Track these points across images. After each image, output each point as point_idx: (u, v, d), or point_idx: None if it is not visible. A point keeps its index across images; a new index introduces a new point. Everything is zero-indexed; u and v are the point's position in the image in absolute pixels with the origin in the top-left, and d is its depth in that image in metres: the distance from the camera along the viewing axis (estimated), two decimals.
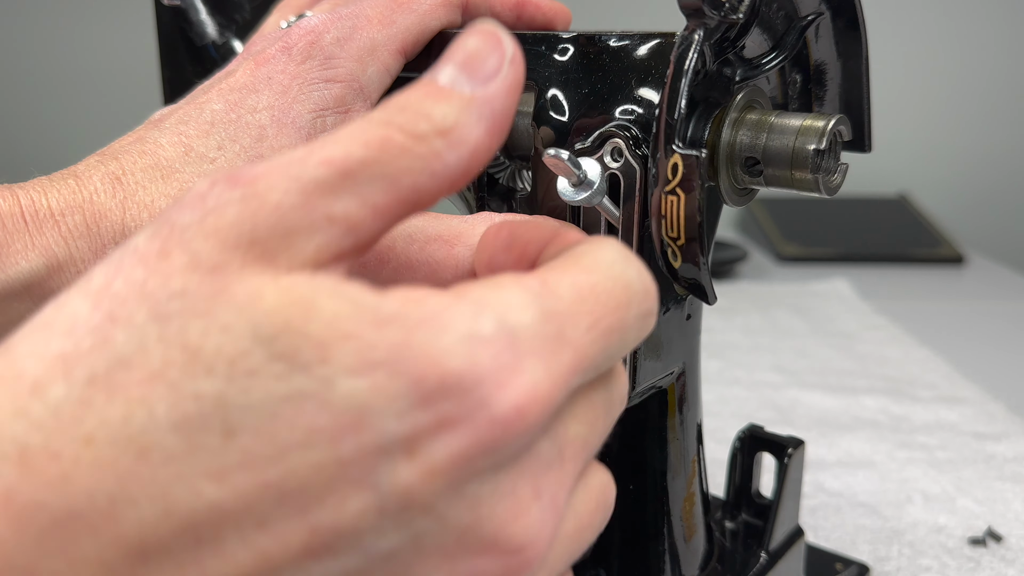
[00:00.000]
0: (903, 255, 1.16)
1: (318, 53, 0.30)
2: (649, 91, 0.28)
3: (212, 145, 0.29)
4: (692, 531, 0.35)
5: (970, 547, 0.49)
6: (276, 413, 0.16)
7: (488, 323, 0.17)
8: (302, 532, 0.16)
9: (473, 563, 0.18)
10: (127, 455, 0.16)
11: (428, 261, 0.27)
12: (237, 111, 0.29)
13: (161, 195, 0.28)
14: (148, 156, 0.29)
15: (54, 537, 0.15)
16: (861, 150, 0.31)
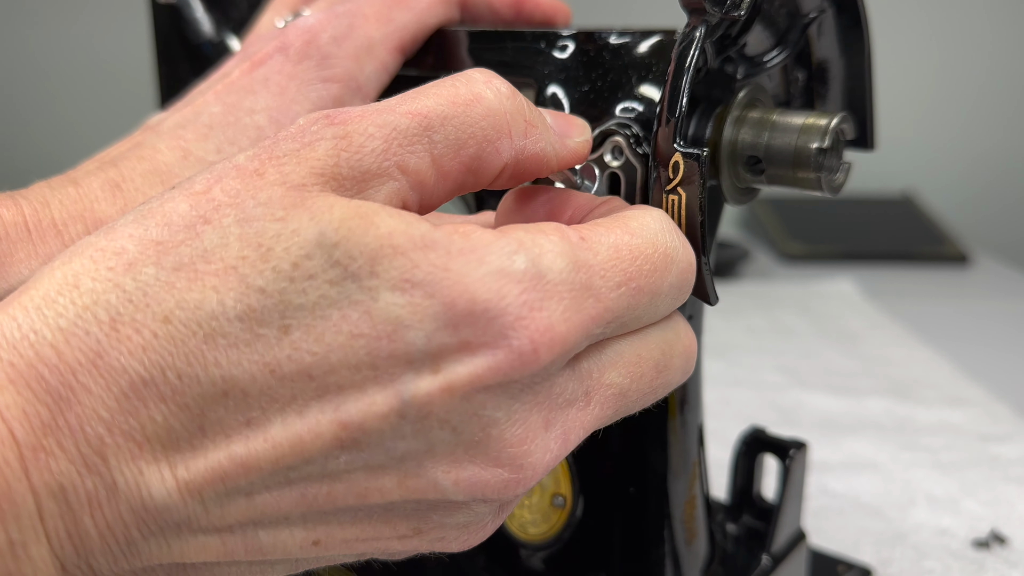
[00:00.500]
0: (907, 254, 1.15)
1: (315, 52, 0.30)
2: (650, 89, 0.27)
3: (210, 149, 0.29)
4: (694, 534, 0.35)
5: (974, 549, 0.49)
6: (326, 315, 0.18)
7: (521, 262, 0.19)
8: (333, 425, 0.19)
9: (476, 472, 0.20)
10: (196, 337, 0.18)
11: None
12: (235, 113, 0.29)
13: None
14: (147, 161, 0.29)
15: (131, 398, 0.18)
16: (865, 148, 0.31)
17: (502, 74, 0.31)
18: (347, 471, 0.19)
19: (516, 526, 0.35)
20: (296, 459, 0.19)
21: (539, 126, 0.23)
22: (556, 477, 0.33)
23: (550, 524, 0.34)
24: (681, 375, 0.24)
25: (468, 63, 0.32)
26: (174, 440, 0.18)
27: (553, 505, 0.33)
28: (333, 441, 0.19)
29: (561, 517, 0.33)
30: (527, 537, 0.34)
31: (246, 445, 0.19)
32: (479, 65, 0.31)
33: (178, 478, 0.18)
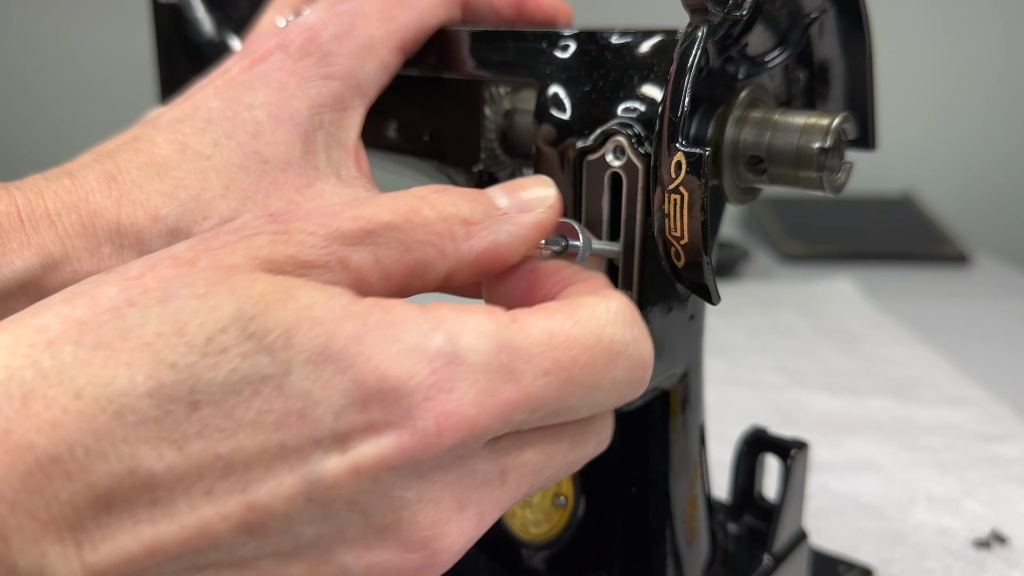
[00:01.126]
0: (908, 254, 1.15)
1: (316, 50, 0.30)
2: (652, 88, 0.27)
3: (208, 142, 0.29)
4: (695, 534, 0.35)
5: (975, 549, 0.49)
6: (237, 390, 0.18)
7: (438, 340, 0.19)
8: (240, 507, 0.18)
9: (388, 558, 0.20)
10: (105, 413, 0.18)
11: None
12: (233, 108, 0.29)
13: (156, 192, 0.28)
14: (144, 154, 0.29)
15: (36, 476, 0.17)
16: (866, 148, 0.31)
17: (503, 74, 0.31)
18: (255, 557, 0.19)
19: (518, 526, 0.35)
20: (203, 543, 0.18)
21: (483, 222, 0.23)
22: None
23: (552, 524, 0.34)
24: (595, 448, 0.24)
25: (470, 63, 0.32)
26: (80, 520, 0.17)
27: (555, 505, 0.33)
28: (240, 525, 0.18)
29: (563, 517, 0.33)
30: (529, 537, 0.34)
31: (153, 528, 0.18)
32: (481, 64, 0.32)
33: (84, 561, 0.17)
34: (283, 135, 0.29)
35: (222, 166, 0.28)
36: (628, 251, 0.28)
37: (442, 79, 0.33)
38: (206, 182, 0.28)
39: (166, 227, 0.28)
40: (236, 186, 0.28)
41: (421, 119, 0.34)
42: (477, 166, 0.33)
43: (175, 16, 0.40)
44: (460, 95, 0.33)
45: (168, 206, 0.28)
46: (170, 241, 0.28)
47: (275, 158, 0.29)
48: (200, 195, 0.28)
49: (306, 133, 0.29)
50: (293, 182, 0.29)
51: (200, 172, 0.28)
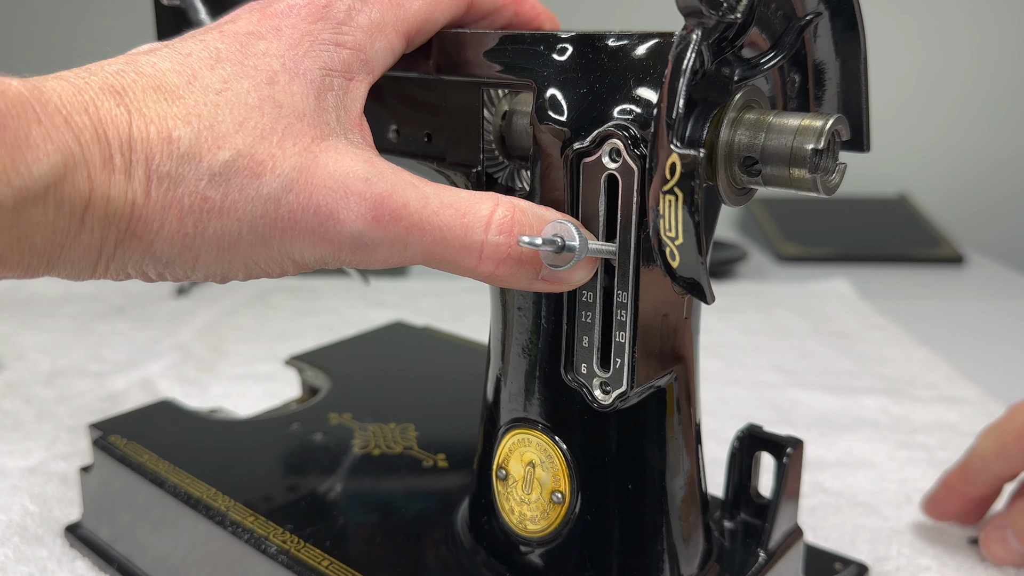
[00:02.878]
0: (903, 255, 1.16)
1: (331, 16, 0.29)
2: (647, 91, 0.28)
3: (218, 78, 0.27)
4: (691, 531, 0.35)
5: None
6: None
7: None
8: None
9: None
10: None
11: (440, 225, 0.28)
12: (244, 52, 0.28)
13: (168, 114, 0.26)
14: (148, 78, 0.27)
15: None
16: (860, 150, 0.31)
17: (502, 76, 0.31)
18: None
19: (515, 522, 0.35)
20: None
21: None
22: (555, 474, 0.34)
23: (549, 520, 0.34)
24: None
25: (468, 65, 0.32)
26: None
27: (552, 502, 0.34)
28: None
29: (560, 513, 0.34)
30: (526, 533, 0.35)
31: None
32: (480, 66, 0.32)
33: None
34: (298, 87, 0.28)
35: (235, 103, 0.27)
36: (624, 251, 0.29)
37: (441, 81, 0.33)
38: (218, 115, 0.27)
39: (178, 150, 0.26)
40: (251, 124, 0.27)
41: (420, 120, 0.35)
42: (476, 167, 0.33)
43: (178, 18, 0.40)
44: (459, 97, 0.33)
45: (181, 128, 0.26)
46: (181, 166, 0.26)
47: (290, 105, 0.28)
48: (214, 126, 0.26)
49: (319, 91, 0.29)
50: (308, 131, 0.28)
51: (212, 105, 0.27)
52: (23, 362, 0.77)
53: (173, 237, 0.27)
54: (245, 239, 0.27)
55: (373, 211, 0.27)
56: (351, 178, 0.27)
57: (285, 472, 0.44)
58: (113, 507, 0.47)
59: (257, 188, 0.27)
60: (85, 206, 0.25)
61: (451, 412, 0.50)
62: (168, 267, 0.28)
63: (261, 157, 0.27)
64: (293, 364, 0.58)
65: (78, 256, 0.26)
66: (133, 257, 0.27)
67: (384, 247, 0.28)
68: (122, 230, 0.26)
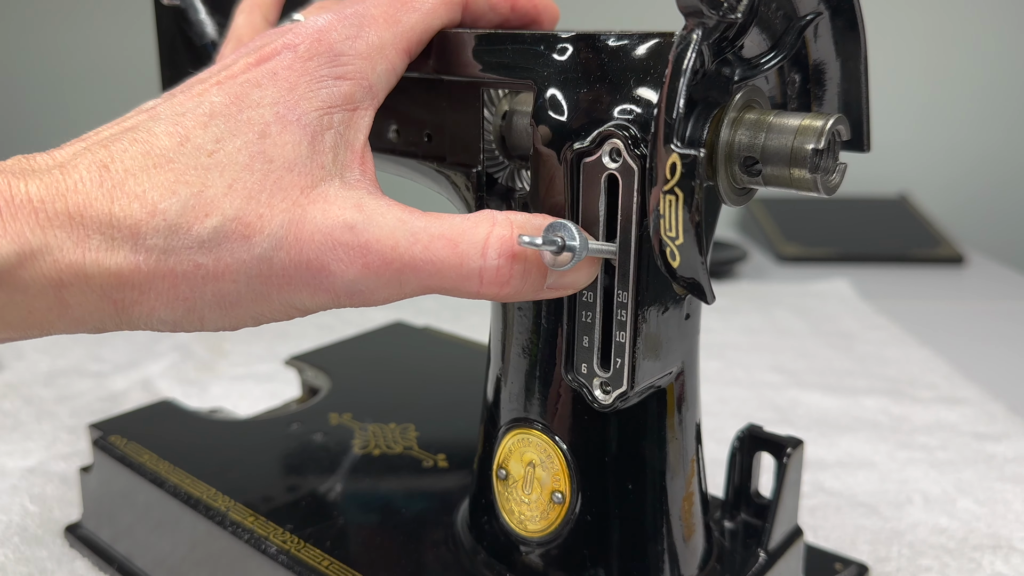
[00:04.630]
0: (903, 255, 1.16)
1: (326, 51, 0.29)
2: (648, 91, 0.28)
3: (210, 137, 0.28)
4: (691, 531, 0.35)
5: (971, 548, 0.49)
6: None
7: None
8: None
9: None
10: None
11: (432, 260, 0.27)
12: (238, 105, 0.28)
13: (154, 186, 0.27)
14: (140, 144, 0.27)
15: None
16: (860, 150, 0.31)
17: (502, 76, 0.31)
18: None
19: (515, 522, 0.35)
20: None
21: None
22: (555, 474, 0.34)
23: (549, 520, 0.34)
24: None
25: (468, 66, 0.32)
26: None
27: (552, 502, 0.34)
28: None
29: (560, 513, 0.34)
30: (526, 533, 0.35)
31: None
32: (480, 66, 0.32)
33: None
34: (290, 136, 0.28)
35: (225, 164, 0.27)
36: (624, 251, 0.29)
37: (441, 81, 0.33)
38: (208, 179, 0.27)
39: (165, 221, 0.26)
40: (240, 185, 0.27)
41: (421, 120, 0.35)
42: (476, 167, 0.33)
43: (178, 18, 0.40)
44: (459, 97, 0.33)
45: (167, 200, 0.26)
46: (169, 237, 0.26)
47: (281, 158, 0.28)
48: (202, 192, 0.27)
49: (314, 134, 0.29)
50: (298, 182, 0.28)
51: (202, 168, 0.27)
52: (23, 362, 0.77)
53: (173, 302, 0.28)
54: (245, 297, 0.28)
55: (362, 259, 0.27)
56: (338, 229, 0.27)
57: (285, 472, 0.44)
58: (113, 507, 0.47)
59: (248, 250, 0.27)
60: (58, 286, 0.26)
61: (451, 412, 0.50)
62: (177, 326, 0.29)
63: (249, 219, 0.27)
64: (293, 364, 0.58)
65: (78, 324, 0.27)
66: (140, 320, 0.28)
67: (381, 289, 0.28)
68: (118, 300, 0.27)
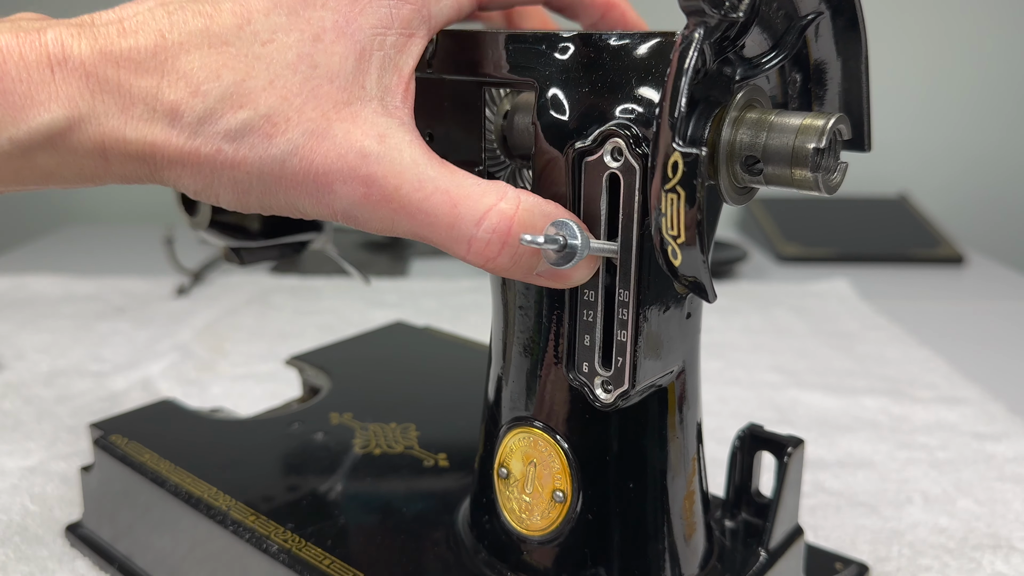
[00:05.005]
0: (903, 255, 1.16)
1: None
2: (649, 90, 0.28)
3: (269, 26, 0.28)
4: (692, 530, 0.36)
5: (971, 548, 0.49)
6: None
7: None
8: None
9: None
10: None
11: (428, 211, 0.28)
12: (305, 1, 0.29)
13: (203, 67, 0.27)
14: (203, 18, 0.28)
15: None
16: (861, 150, 0.31)
17: (503, 75, 0.31)
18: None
19: (516, 521, 0.35)
20: None
21: None
22: (556, 473, 0.34)
23: (550, 519, 0.34)
24: None
25: (470, 64, 0.32)
26: None
27: (553, 500, 0.34)
28: None
29: (561, 512, 0.34)
30: (527, 532, 0.35)
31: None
32: (481, 65, 0.32)
33: None
34: (340, 47, 0.28)
35: (274, 57, 0.28)
36: (626, 250, 0.29)
37: (443, 80, 0.33)
38: (253, 69, 0.28)
39: (203, 105, 0.27)
40: (280, 83, 0.28)
41: (422, 120, 0.35)
42: (478, 166, 0.33)
43: None
44: (461, 96, 0.33)
45: (210, 83, 0.27)
46: (202, 120, 0.27)
47: (325, 66, 0.28)
48: (244, 82, 0.28)
49: (363, 52, 0.29)
50: (334, 96, 0.28)
51: (252, 57, 0.28)
52: (23, 362, 0.77)
53: (195, 176, 0.29)
54: (255, 188, 0.29)
55: (364, 188, 0.28)
56: (352, 153, 0.28)
57: (286, 472, 0.44)
58: (114, 507, 0.47)
59: (267, 148, 0.28)
60: (101, 149, 0.28)
61: (452, 411, 0.50)
62: (199, 195, 0.30)
63: (277, 120, 0.28)
64: (293, 364, 0.58)
65: (122, 179, 0.29)
66: (170, 182, 0.29)
67: (374, 222, 0.29)
68: (151, 165, 0.29)
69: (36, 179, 0.28)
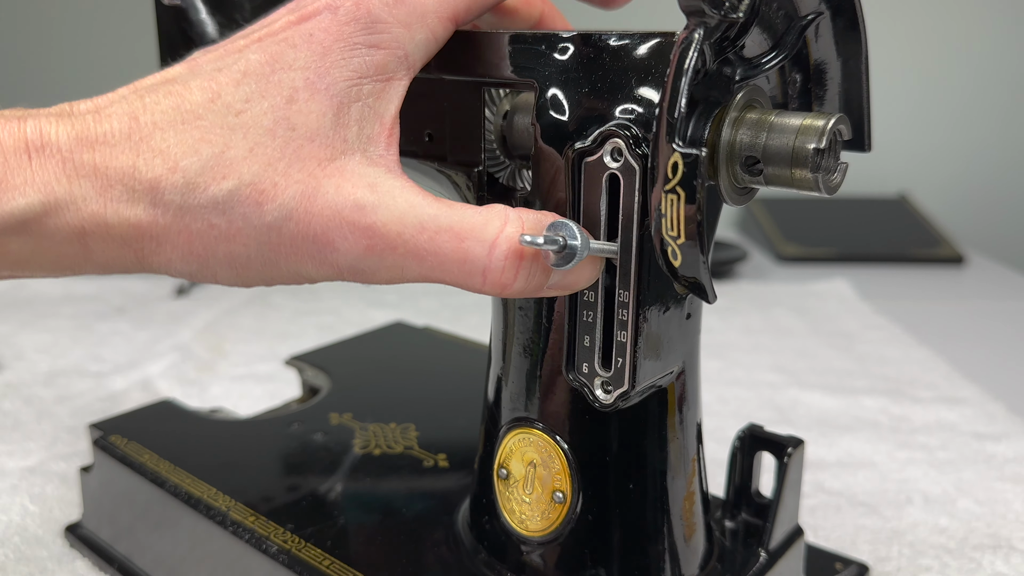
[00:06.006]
0: (903, 255, 1.16)
1: (364, 15, 0.29)
2: (649, 90, 0.28)
3: (241, 96, 0.28)
4: (692, 530, 0.35)
5: (971, 548, 0.49)
6: None
7: None
8: None
9: None
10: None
11: (436, 252, 0.27)
12: (272, 65, 0.28)
13: (179, 142, 0.27)
14: (174, 97, 0.28)
15: None
16: (861, 150, 0.31)
17: (503, 76, 0.31)
18: None
19: (516, 522, 0.35)
20: None
21: None
22: (556, 474, 0.34)
23: (550, 520, 0.34)
24: None
25: (470, 64, 0.32)
26: None
27: (553, 501, 0.34)
28: None
29: (561, 513, 0.34)
30: (527, 533, 0.35)
31: None
32: (480, 67, 0.32)
33: None
34: (316, 105, 0.28)
35: (250, 125, 0.28)
36: (626, 251, 0.29)
37: (443, 80, 0.33)
38: (231, 140, 0.27)
39: (184, 179, 0.27)
40: (261, 150, 0.27)
41: (422, 120, 0.35)
42: (477, 167, 0.33)
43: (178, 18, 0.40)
44: (460, 96, 0.33)
45: (189, 158, 0.27)
46: (186, 195, 0.27)
47: (304, 126, 0.28)
48: (223, 153, 0.27)
49: (340, 105, 0.28)
50: (317, 154, 0.28)
51: (227, 128, 0.27)
52: (23, 362, 0.77)
53: (188, 256, 0.28)
54: (254, 260, 0.28)
55: (367, 240, 0.27)
56: (348, 208, 0.27)
57: (286, 472, 0.44)
58: (113, 507, 0.47)
59: (260, 217, 0.27)
60: (80, 233, 0.27)
61: (451, 412, 0.50)
62: (193, 277, 0.29)
63: (264, 186, 0.27)
64: (293, 364, 0.58)
65: (104, 268, 0.29)
66: (159, 268, 0.29)
67: (383, 271, 0.28)
68: (137, 249, 0.28)
69: (8, 266, 0.28)
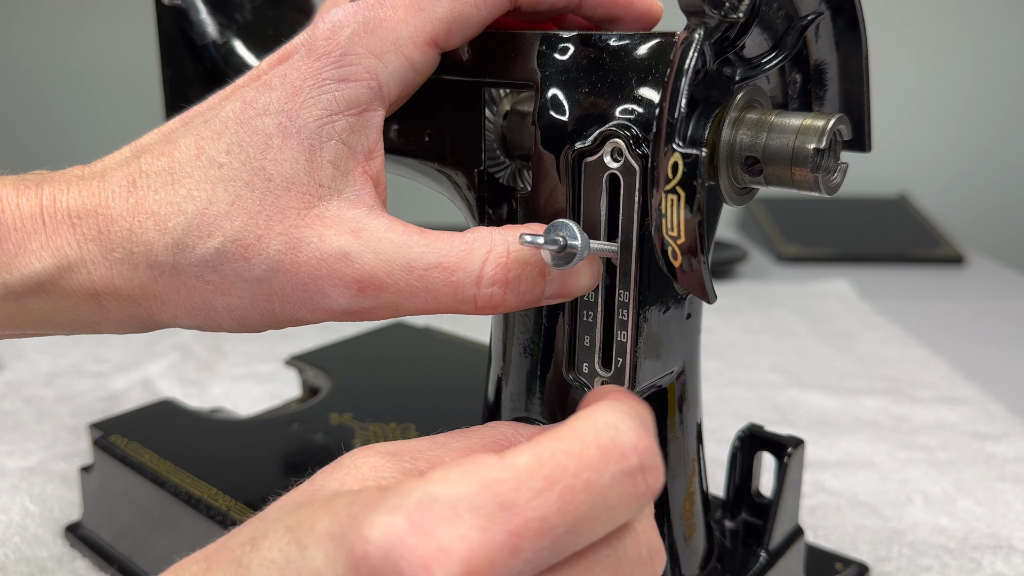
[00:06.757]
0: (903, 255, 1.16)
1: (335, 49, 0.28)
2: (649, 90, 0.28)
3: (222, 148, 0.28)
4: (692, 530, 0.35)
5: (971, 548, 0.49)
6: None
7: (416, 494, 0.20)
8: None
9: None
10: None
11: (427, 288, 0.28)
12: (248, 113, 0.28)
13: (167, 202, 0.28)
14: (165, 158, 0.29)
15: None
16: (861, 150, 0.31)
17: (503, 76, 0.31)
18: None
19: None
20: None
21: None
22: None
23: None
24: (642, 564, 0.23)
25: (470, 65, 0.32)
26: None
27: None
28: None
29: None
30: None
31: None
32: (480, 67, 0.32)
33: None
34: (289, 151, 0.28)
35: (231, 178, 0.28)
36: (626, 251, 0.29)
37: (443, 80, 0.33)
38: (214, 195, 0.28)
39: (172, 240, 0.28)
40: (241, 203, 0.28)
41: (422, 120, 0.35)
42: (477, 167, 0.33)
43: (178, 18, 0.40)
44: (460, 96, 0.33)
45: (175, 218, 0.28)
46: (176, 255, 0.28)
47: (279, 176, 0.28)
48: (207, 210, 0.28)
49: (312, 148, 0.28)
50: (295, 203, 0.28)
51: (209, 182, 0.28)
52: (23, 362, 0.77)
53: (191, 311, 0.29)
54: (252, 311, 0.29)
55: (357, 285, 0.28)
56: (333, 257, 0.28)
57: (286, 472, 0.44)
58: (114, 507, 0.47)
59: (249, 271, 0.28)
60: (94, 294, 0.29)
61: (451, 412, 0.50)
62: (201, 328, 0.30)
63: (248, 241, 0.28)
64: (293, 364, 0.58)
65: (122, 326, 0.30)
66: (169, 324, 0.30)
67: (378, 310, 0.29)
68: (146, 308, 0.29)
69: (32, 324, 0.30)
